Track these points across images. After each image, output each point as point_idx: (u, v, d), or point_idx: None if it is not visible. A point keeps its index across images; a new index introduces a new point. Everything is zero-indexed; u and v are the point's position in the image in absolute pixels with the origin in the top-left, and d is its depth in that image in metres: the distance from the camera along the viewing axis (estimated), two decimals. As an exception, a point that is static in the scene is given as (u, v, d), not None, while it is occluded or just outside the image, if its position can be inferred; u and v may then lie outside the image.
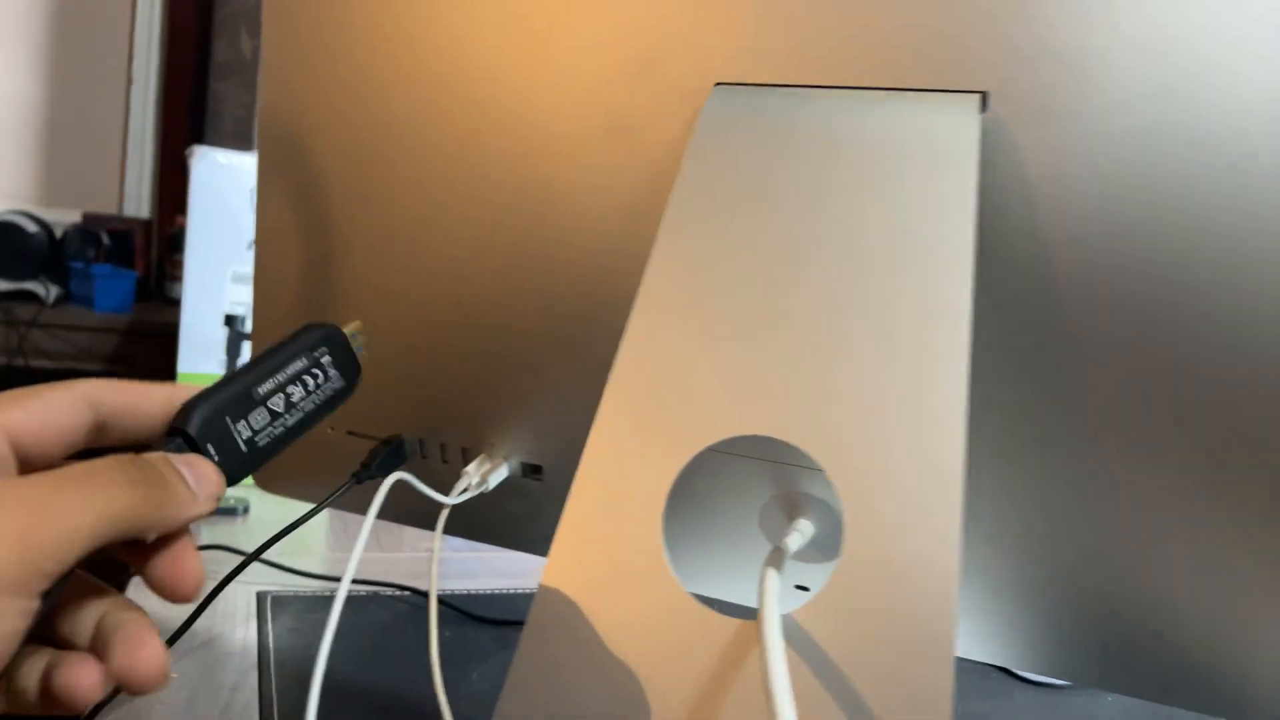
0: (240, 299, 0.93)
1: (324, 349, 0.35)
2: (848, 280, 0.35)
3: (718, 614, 0.34)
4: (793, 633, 0.33)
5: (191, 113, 1.98)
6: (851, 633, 0.32)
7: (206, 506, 0.25)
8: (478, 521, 0.53)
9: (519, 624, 0.66)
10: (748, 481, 0.41)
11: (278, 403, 0.32)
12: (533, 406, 0.48)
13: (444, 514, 0.47)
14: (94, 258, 1.77)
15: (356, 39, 0.47)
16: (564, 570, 0.36)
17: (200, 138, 1.93)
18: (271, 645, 0.60)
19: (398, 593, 0.71)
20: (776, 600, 0.33)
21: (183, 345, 0.93)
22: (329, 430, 0.55)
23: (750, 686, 0.33)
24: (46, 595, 0.21)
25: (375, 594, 0.70)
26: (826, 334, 0.35)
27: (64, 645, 0.24)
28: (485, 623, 0.67)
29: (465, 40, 0.44)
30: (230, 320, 0.83)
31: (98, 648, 0.23)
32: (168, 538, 0.24)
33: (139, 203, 1.96)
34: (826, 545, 0.41)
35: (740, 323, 0.36)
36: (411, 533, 0.86)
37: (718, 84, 0.40)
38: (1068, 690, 0.64)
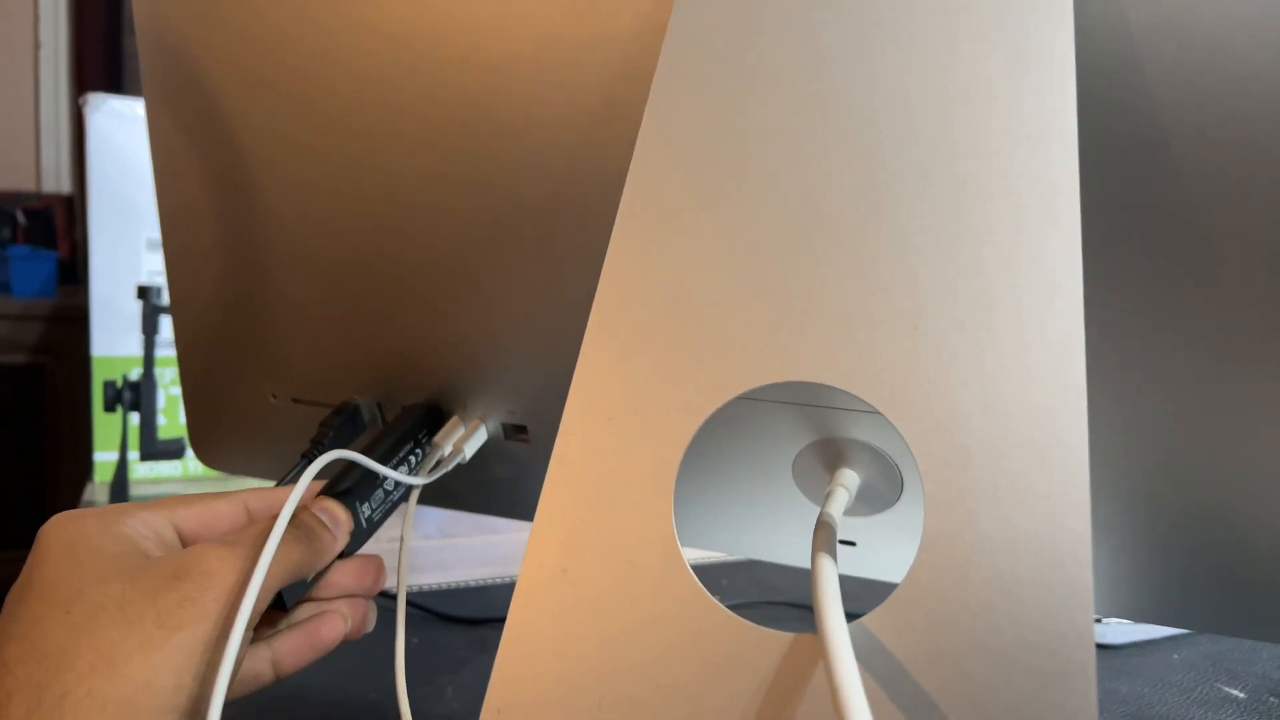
0: (157, 268, 0.82)
1: (425, 430, 0.40)
2: (904, 169, 0.26)
3: (757, 627, 0.25)
4: (867, 649, 0.24)
5: (108, 74, 1.82)
6: (948, 644, 0.23)
7: (344, 543, 0.33)
8: (456, 490, 0.44)
9: (497, 622, 0.58)
10: (777, 431, 0.33)
11: (391, 483, 0.36)
12: (507, 357, 0.39)
13: (414, 496, 0.38)
14: (10, 239, 1.64)
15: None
16: (545, 573, 0.27)
17: (120, 102, 1.78)
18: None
19: (356, 592, 0.62)
20: (839, 610, 0.24)
21: (95, 324, 0.81)
22: (272, 399, 0.45)
23: (815, 728, 0.24)
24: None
25: (329, 596, 0.61)
26: (881, 242, 0.26)
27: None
28: (458, 623, 0.58)
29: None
30: (144, 292, 0.72)
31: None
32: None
33: (58, 177, 1.81)
34: (875, 494, 0.34)
35: (758, 237, 0.27)
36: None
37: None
38: (1131, 650, 0.56)
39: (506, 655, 0.27)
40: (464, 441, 0.40)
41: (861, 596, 0.29)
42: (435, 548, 0.75)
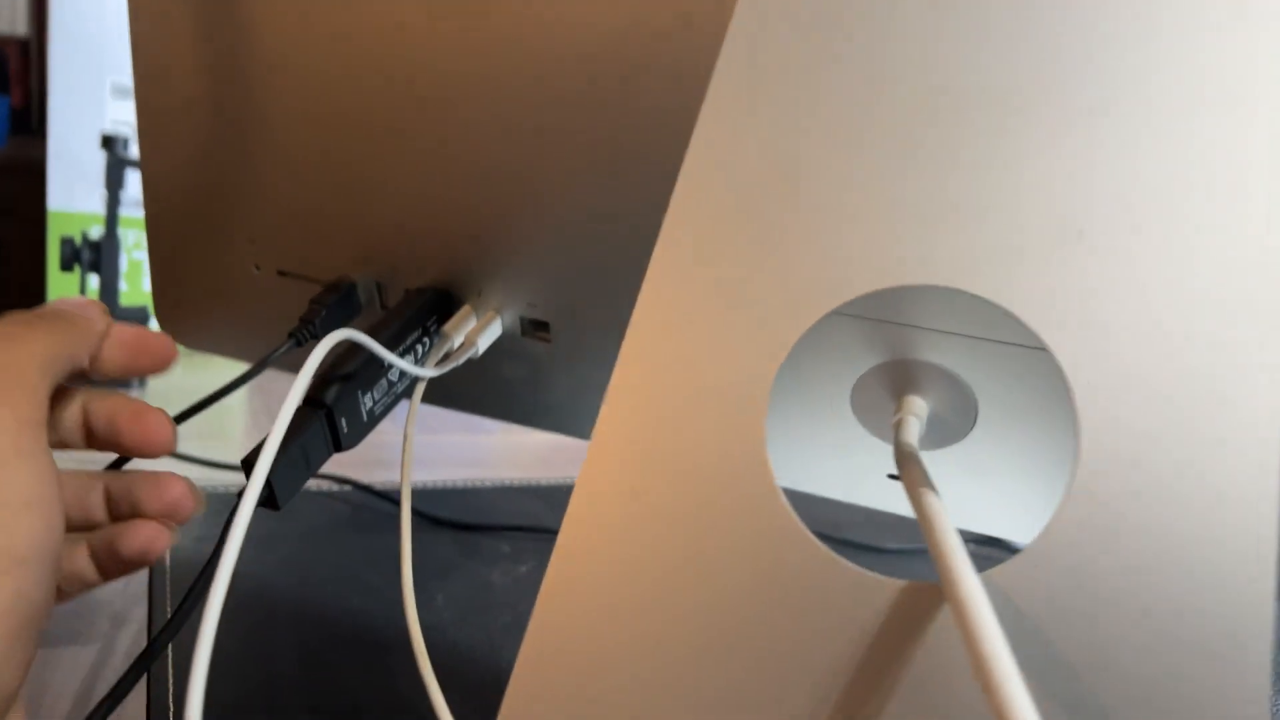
0: (123, 116, 0.75)
1: (434, 318, 0.36)
2: (1074, 41, 0.21)
3: (861, 570, 0.21)
4: (994, 603, 0.20)
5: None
6: (1093, 603, 0.20)
7: (104, 323, 0.28)
8: (460, 388, 0.40)
9: (488, 529, 0.54)
10: (844, 350, 0.29)
11: (395, 373, 0.33)
12: (531, 240, 0.34)
13: (419, 389, 0.34)
14: (-42, 81, 1.52)
15: None
16: (611, 494, 0.23)
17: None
18: (168, 563, 0.46)
19: (337, 488, 0.58)
20: (966, 558, 0.20)
21: (52, 176, 0.74)
22: (254, 270, 0.40)
23: (931, 688, 0.20)
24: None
25: (307, 490, 0.57)
26: (1040, 131, 0.21)
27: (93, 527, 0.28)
28: (445, 525, 0.54)
29: None
30: (109, 142, 0.65)
31: (107, 441, 0.27)
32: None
33: (12, 17, 1.68)
34: (943, 426, 0.30)
35: (897, 111, 0.22)
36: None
37: None
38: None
39: (556, 583, 0.23)
40: (477, 334, 0.36)
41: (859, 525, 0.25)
42: (415, 444, 0.71)
